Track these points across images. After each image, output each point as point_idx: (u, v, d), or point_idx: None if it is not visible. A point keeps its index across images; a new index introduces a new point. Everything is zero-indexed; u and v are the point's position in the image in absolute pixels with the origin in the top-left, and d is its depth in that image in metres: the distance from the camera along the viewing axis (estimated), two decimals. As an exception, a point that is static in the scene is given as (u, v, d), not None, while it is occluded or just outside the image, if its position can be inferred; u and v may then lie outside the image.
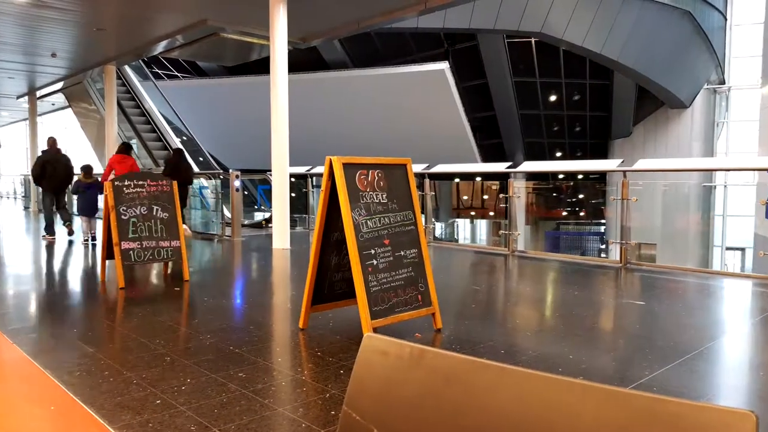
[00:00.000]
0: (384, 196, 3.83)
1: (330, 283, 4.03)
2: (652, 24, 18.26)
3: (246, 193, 15.21)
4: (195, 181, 12.56)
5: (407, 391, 0.70)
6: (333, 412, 2.62)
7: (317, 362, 3.33)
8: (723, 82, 22.71)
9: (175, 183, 6.00)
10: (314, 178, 11.35)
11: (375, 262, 3.66)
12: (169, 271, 6.38)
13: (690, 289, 5.92)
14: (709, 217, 22.10)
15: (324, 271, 3.96)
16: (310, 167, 11.05)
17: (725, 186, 21.94)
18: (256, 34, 10.57)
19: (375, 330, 3.58)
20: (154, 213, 5.75)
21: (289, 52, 8.76)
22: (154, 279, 6.25)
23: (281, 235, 8.50)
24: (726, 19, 22.08)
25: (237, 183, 9.81)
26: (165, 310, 4.71)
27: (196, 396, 2.78)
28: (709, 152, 22.54)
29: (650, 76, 19.24)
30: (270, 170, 8.87)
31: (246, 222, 12.19)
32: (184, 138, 15.37)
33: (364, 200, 3.72)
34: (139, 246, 5.61)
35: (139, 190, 5.70)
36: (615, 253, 7.16)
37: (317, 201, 6.36)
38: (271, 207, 9.35)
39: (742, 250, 20.98)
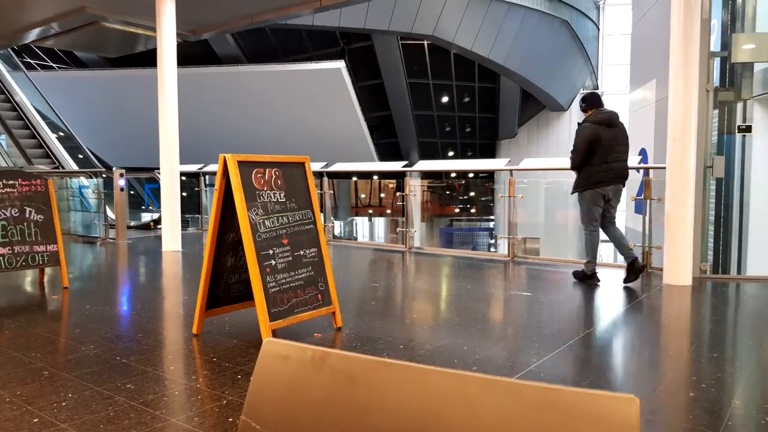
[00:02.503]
0: (282, 194, 3.77)
1: (226, 285, 3.90)
2: (534, 31, 19.45)
3: (132, 192, 14.36)
4: (75, 179, 11.66)
5: (310, 396, 0.69)
6: (231, 419, 2.54)
7: (213, 368, 3.21)
8: (597, 88, 24.65)
9: (51, 182, 5.52)
10: (207, 177, 10.93)
11: (273, 262, 3.59)
12: (45, 278, 5.87)
13: (570, 279, 6.36)
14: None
15: (219, 274, 3.83)
16: (202, 165, 10.63)
17: (600, 183, 23.79)
18: (141, 25, 9.98)
19: (274, 332, 3.51)
20: (27, 215, 5.27)
21: (178, 45, 8.36)
22: (28, 287, 5.72)
23: (172, 237, 8.11)
24: (599, 29, 23.98)
25: (121, 182, 9.22)
26: (41, 320, 4.32)
27: (78, 411, 2.58)
28: (586, 152, 24.37)
29: (533, 80, 20.49)
30: (158, 168, 8.42)
31: (132, 223, 11.51)
32: (62, 134, 14.21)
33: (262, 199, 3.64)
34: (10, 251, 5.11)
35: (9, 190, 5.19)
36: (503, 247, 7.55)
37: (211, 200, 6.12)
38: (159, 207, 8.89)
39: (615, 242, 22.81)
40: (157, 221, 10.72)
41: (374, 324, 4.18)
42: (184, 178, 10.48)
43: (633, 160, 9.17)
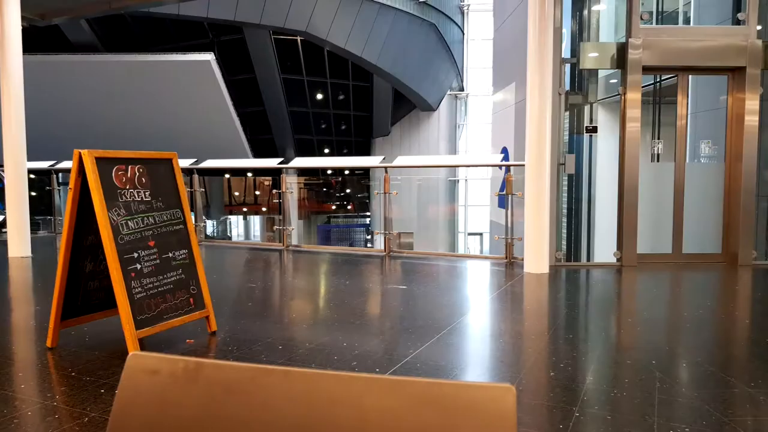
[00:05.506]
0: (147, 193, 3.53)
1: (85, 293, 3.59)
2: (405, 33, 20.04)
3: (-32, 192, 12.72)
4: None
5: (183, 411, 0.64)
6: (94, 438, 2.34)
7: (72, 384, 2.94)
8: (462, 89, 25.96)
9: None
10: (61, 175, 9.99)
11: (139, 266, 3.36)
12: None
13: (442, 271, 6.65)
14: (455, 207, 25.14)
15: (77, 280, 3.51)
16: (54, 162, 9.69)
17: (466, 180, 25.14)
18: (-25, 4, 8.84)
19: (142, 340, 3.29)
20: None
21: (24, 30, 7.53)
22: None
23: (19, 241, 7.30)
24: (464, 34, 25.24)
25: (-45, 181, 8.14)
26: None
27: None
28: (453, 150, 25.64)
29: (404, 80, 21.10)
30: (2, 166, 7.54)
31: (-30, 227, 10.21)
32: None
33: (124, 199, 3.39)
34: None
35: None
36: (380, 243, 7.71)
37: (65, 200, 5.61)
38: (4, 209, 7.96)
39: (481, 234, 24.27)
40: (2, 224, 9.60)
41: (251, 326, 4.07)
42: (32, 176, 9.48)
43: (496, 158, 9.78)
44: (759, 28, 6.32)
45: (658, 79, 7.84)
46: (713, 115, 7.47)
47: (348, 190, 22.77)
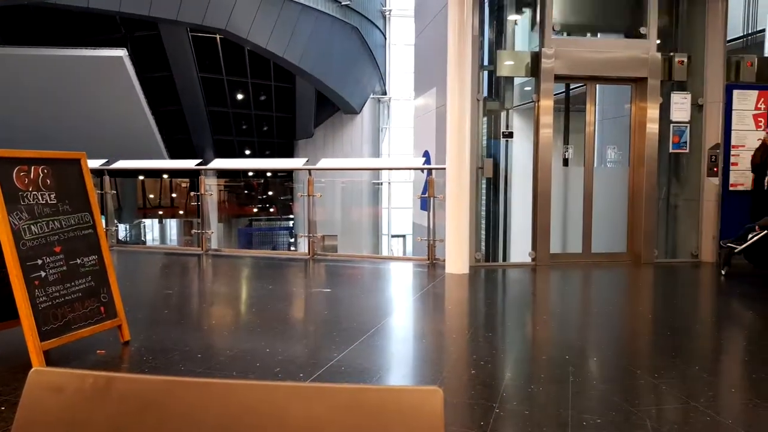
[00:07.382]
0: (53, 196, 3.31)
1: (-20, 303, 3.31)
2: (327, 35, 19.98)
3: None
4: None
5: (93, 431, 0.60)
6: (-9, 461, 2.16)
7: (-35, 403, 2.70)
8: (385, 93, 26.22)
9: None
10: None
11: (43, 273, 3.14)
12: None
13: (366, 273, 6.67)
14: (378, 210, 25.32)
15: (-29, 290, 3.23)
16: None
17: (389, 183, 25.40)
18: None
19: (47, 352, 3.08)
20: None
21: None
22: None
23: None
24: (386, 38, 25.50)
25: None
26: None
27: None
28: (376, 153, 25.81)
29: (327, 82, 21.03)
30: None
31: None
32: None
33: (26, 201, 3.16)
34: None
35: None
36: (304, 246, 7.62)
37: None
38: None
39: (404, 236, 24.59)
40: None
41: (168, 334, 3.91)
42: None
43: (418, 161, 9.95)
44: (658, 42, 6.80)
45: (568, 88, 8.24)
46: (618, 123, 7.95)
47: (270, 193, 22.39)
